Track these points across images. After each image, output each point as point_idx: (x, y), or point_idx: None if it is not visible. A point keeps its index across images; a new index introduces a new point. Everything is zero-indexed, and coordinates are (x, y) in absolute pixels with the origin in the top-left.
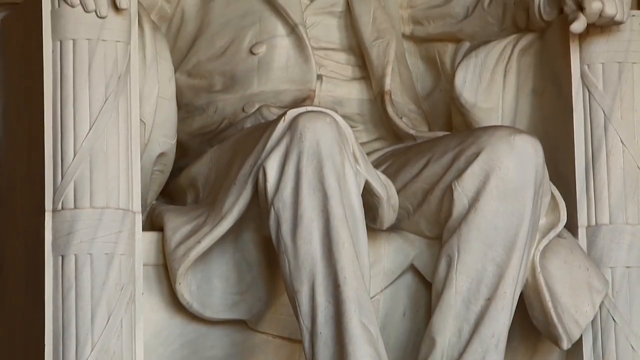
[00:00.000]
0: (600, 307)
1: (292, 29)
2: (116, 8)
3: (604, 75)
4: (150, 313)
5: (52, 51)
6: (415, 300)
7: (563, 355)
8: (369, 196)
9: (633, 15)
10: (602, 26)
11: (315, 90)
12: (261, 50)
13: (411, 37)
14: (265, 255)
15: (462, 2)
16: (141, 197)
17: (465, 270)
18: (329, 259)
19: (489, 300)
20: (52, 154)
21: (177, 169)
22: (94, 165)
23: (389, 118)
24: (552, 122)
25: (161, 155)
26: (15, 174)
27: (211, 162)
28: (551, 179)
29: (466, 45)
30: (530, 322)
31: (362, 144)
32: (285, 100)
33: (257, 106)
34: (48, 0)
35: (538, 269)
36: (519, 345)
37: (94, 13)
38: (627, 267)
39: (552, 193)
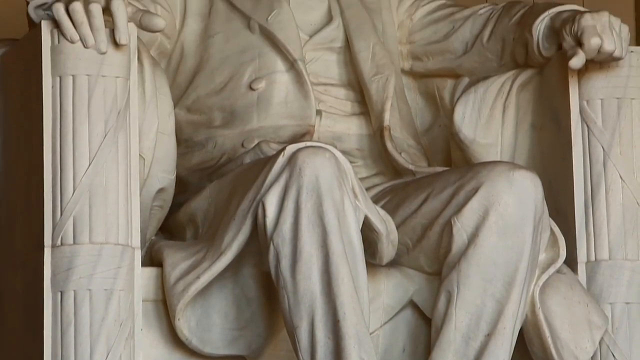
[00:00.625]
0: (600, 343)
1: (292, 65)
2: (116, 44)
3: (602, 111)
4: (150, 349)
5: (52, 87)
6: (414, 336)
7: None
8: (368, 232)
9: (632, 52)
10: (601, 62)
11: (314, 126)
12: (260, 85)
13: (410, 73)
14: (265, 291)
15: (461, 38)
16: (140, 232)
17: (464, 305)
18: (328, 295)
19: (489, 336)
20: (51, 190)
21: (177, 205)
22: (93, 201)
23: (388, 153)
24: (551, 158)
25: (160, 190)
26: (14, 209)
27: (210, 198)
28: (550, 215)
29: (465, 80)
30: (530, 358)
31: (361, 179)
32: (285, 136)
33: (256, 141)
34: (48, 36)
35: (538, 305)
36: None
37: (93, 49)
38: (627, 303)
39: (551, 228)
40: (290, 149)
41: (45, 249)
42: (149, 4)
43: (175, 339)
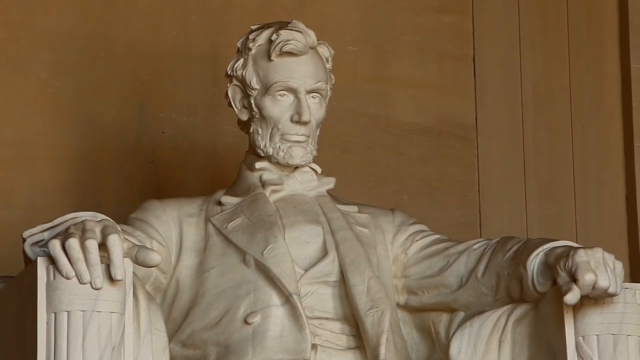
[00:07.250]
0: None
1: (287, 299)
2: (111, 279)
3: (599, 347)
4: None
5: (47, 323)
6: None
7: None
8: None
9: (626, 288)
10: (596, 298)
11: None
12: (256, 319)
13: (405, 307)
14: None
15: (456, 272)
16: None
17: None
18: None
19: None
20: None
21: None
22: None
23: None
24: None
25: None
26: None
27: None
28: None
29: (460, 315)
30: None
31: None
32: None
33: None
34: (43, 272)
35: None
36: None
37: (89, 285)
38: None
39: None
40: None
41: None
42: (145, 239)
43: None
